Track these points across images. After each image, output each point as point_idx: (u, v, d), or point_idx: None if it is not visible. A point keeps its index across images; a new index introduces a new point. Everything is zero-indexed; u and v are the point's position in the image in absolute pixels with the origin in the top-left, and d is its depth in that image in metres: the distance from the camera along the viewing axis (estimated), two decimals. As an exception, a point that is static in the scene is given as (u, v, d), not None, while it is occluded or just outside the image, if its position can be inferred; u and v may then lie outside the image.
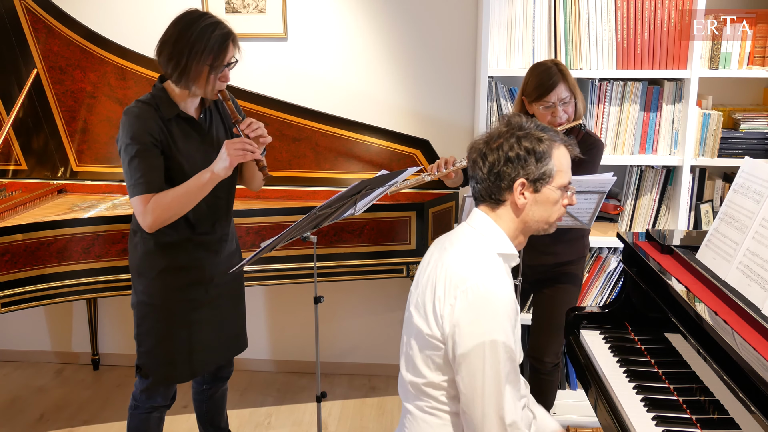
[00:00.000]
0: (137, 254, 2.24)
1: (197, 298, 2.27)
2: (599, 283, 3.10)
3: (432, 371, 1.62)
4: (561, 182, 1.64)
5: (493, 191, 1.63)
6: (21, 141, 3.19)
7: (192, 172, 2.14)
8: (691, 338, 1.72)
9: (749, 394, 1.45)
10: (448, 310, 1.56)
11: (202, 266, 2.26)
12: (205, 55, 2.05)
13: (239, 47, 2.15)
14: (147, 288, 2.24)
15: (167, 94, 2.14)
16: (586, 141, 2.50)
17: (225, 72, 2.12)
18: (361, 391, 3.48)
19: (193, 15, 2.10)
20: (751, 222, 1.78)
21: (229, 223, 2.37)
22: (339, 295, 3.51)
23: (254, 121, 2.18)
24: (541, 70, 2.44)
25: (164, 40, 2.10)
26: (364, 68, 3.31)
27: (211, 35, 2.05)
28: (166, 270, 2.22)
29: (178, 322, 2.26)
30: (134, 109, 2.11)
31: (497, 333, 1.51)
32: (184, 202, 2.12)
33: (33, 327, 3.72)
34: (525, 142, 1.60)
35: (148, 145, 2.07)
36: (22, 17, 3.02)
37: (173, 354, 2.28)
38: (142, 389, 2.33)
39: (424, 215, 2.89)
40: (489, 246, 1.62)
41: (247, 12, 3.25)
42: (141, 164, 2.06)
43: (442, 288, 1.58)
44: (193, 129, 2.19)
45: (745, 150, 2.93)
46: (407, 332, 1.71)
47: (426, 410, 1.65)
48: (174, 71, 2.07)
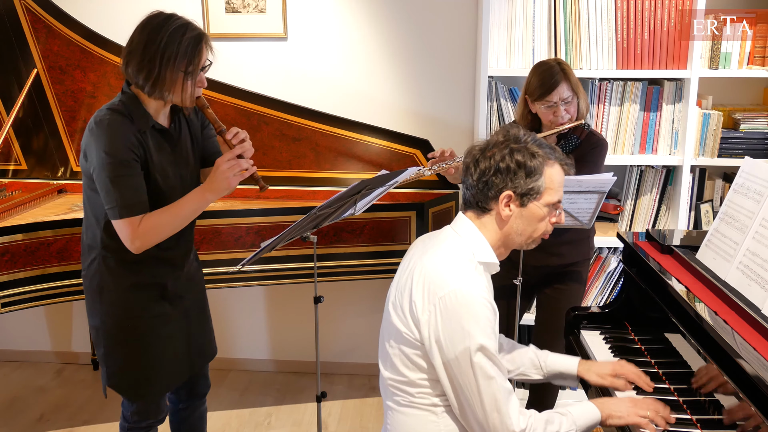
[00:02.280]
0: (96, 273, 2.09)
1: (165, 312, 2.16)
2: (599, 283, 3.10)
3: (410, 370, 1.63)
4: (549, 200, 1.64)
5: (480, 199, 1.64)
6: (21, 141, 3.19)
7: (166, 188, 2.03)
8: (691, 338, 1.72)
9: (749, 394, 1.45)
10: (426, 316, 1.57)
11: (165, 282, 2.14)
12: (179, 60, 1.90)
13: (212, 48, 2.00)
14: (111, 308, 2.10)
15: (140, 103, 1.98)
16: (590, 140, 2.50)
17: (201, 76, 1.98)
18: (361, 391, 3.48)
19: (159, 18, 1.94)
20: (751, 222, 1.78)
21: (192, 235, 2.25)
22: (339, 295, 3.51)
23: (240, 131, 2.04)
24: (544, 69, 2.44)
25: (131, 49, 1.94)
26: (364, 68, 3.31)
27: (182, 38, 1.90)
28: (132, 287, 2.09)
29: (148, 338, 2.14)
30: (108, 119, 1.93)
31: (480, 337, 1.52)
32: (180, 224, 2.03)
33: (33, 327, 3.72)
34: (517, 155, 1.60)
35: (129, 162, 1.92)
36: (22, 17, 3.02)
37: (145, 371, 2.17)
38: (132, 411, 2.22)
39: (424, 215, 2.89)
40: (470, 253, 1.62)
41: (247, 12, 3.25)
42: (125, 184, 1.92)
43: (419, 292, 1.59)
44: (165, 140, 2.05)
45: (745, 150, 2.93)
46: (385, 331, 1.72)
47: (402, 403, 1.67)
48: (146, 82, 1.91)
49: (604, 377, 1.81)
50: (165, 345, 2.18)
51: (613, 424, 1.63)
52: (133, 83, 1.97)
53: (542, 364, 1.88)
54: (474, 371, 1.52)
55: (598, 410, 1.64)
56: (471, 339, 1.52)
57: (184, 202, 2.02)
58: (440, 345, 1.55)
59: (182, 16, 1.98)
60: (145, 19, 1.96)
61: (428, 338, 1.57)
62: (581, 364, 1.86)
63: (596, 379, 1.82)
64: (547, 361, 1.89)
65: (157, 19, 1.94)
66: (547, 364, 1.88)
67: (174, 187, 2.06)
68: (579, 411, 1.64)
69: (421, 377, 1.62)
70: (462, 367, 1.53)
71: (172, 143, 2.08)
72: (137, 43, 1.93)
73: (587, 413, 1.64)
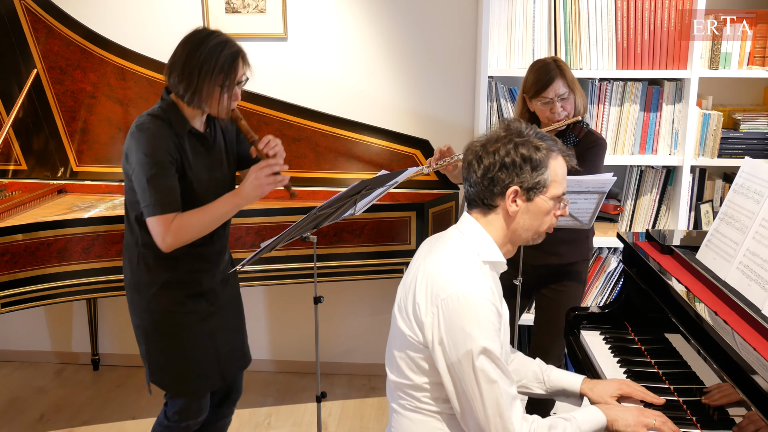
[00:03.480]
0: (135, 269, 2.19)
1: (201, 309, 2.22)
2: (599, 283, 3.10)
3: (415, 374, 1.62)
4: (555, 193, 1.62)
5: (486, 196, 1.61)
6: (21, 141, 3.19)
7: (200, 190, 2.12)
8: (692, 338, 1.72)
9: (749, 394, 1.45)
10: (429, 318, 1.55)
11: (201, 279, 2.22)
12: (216, 74, 2.02)
13: (250, 65, 2.12)
14: (150, 304, 2.18)
15: (178, 109, 2.10)
16: (588, 139, 2.50)
17: (236, 91, 2.10)
18: (361, 391, 3.48)
19: (201, 34, 2.06)
20: (751, 222, 1.78)
21: (227, 234, 2.33)
22: (339, 295, 3.51)
23: (272, 139, 2.16)
24: (539, 66, 2.45)
25: (173, 61, 2.07)
26: (364, 68, 3.31)
27: (220, 54, 2.02)
28: (167, 284, 2.17)
29: (186, 334, 2.21)
30: (149, 125, 2.05)
31: (483, 340, 1.50)
32: (209, 226, 2.11)
33: (33, 327, 3.72)
34: (522, 149, 1.57)
35: (166, 164, 2.03)
36: (22, 17, 3.02)
37: (186, 367, 2.23)
38: (175, 410, 2.27)
39: (424, 215, 2.89)
40: (475, 253, 1.60)
41: (247, 12, 3.25)
42: (160, 184, 2.02)
43: (422, 294, 1.57)
44: (201, 145, 2.16)
45: (745, 150, 2.93)
46: (392, 334, 1.71)
47: (408, 408, 1.65)
48: (186, 92, 2.04)
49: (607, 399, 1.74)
50: (204, 342, 2.24)
51: (619, 431, 1.61)
52: (174, 92, 2.09)
53: (545, 378, 1.84)
54: (476, 375, 1.50)
55: (603, 415, 1.62)
56: (473, 342, 1.49)
57: (216, 204, 2.12)
58: (443, 348, 1.53)
59: (223, 33, 2.10)
60: (189, 34, 2.08)
61: (432, 341, 1.55)
62: (585, 382, 1.81)
63: (599, 399, 1.75)
64: (551, 376, 1.84)
65: (200, 34, 2.07)
66: (550, 379, 1.84)
67: (208, 190, 2.16)
68: (583, 416, 1.61)
69: (425, 381, 1.61)
70: (464, 370, 1.51)
71: (207, 147, 2.19)
72: (179, 57, 2.05)
73: (592, 418, 1.61)
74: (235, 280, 2.42)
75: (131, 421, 3.21)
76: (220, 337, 2.28)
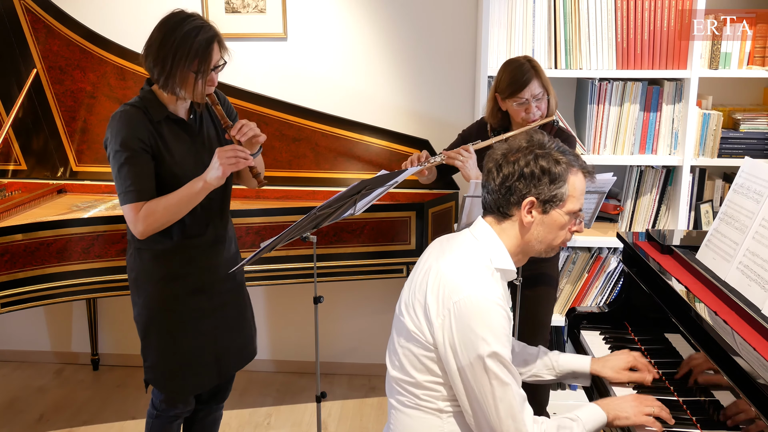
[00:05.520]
0: (134, 266, 2.20)
1: (200, 307, 2.21)
2: (599, 283, 3.10)
3: (418, 371, 1.62)
4: (571, 208, 1.62)
5: (502, 204, 1.62)
6: (21, 141, 3.19)
7: (184, 175, 2.09)
8: (691, 338, 1.72)
9: (749, 395, 1.45)
10: (440, 321, 1.56)
11: (198, 272, 2.20)
12: (190, 60, 1.99)
13: (226, 49, 2.08)
14: (147, 300, 2.18)
15: (155, 96, 2.09)
16: (560, 137, 2.51)
17: (212, 76, 2.06)
18: (361, 391, 3.48)
19: (176, 17, 2.03)
20: (751, 222, 1.78)
21: (226, 225, 2.30)
22: (339, 295, 3.51)
23: (246, 123, 2.12)
24: (514, 67, 2.46)
25: (149, 45, 2.04)
26: (364, 68, 3.31)
27: (195, 39, 1.98)
28: (164, 279, 2.17)
29: (181, 332, 2.20)
30: (122, 113, 2.05)
31: (494, 344, 1.51)
32: (176, 210, 2.08)
33: (33, 327, 3.72)
34: (542, 161, 1.58)
35: (137, 151, 2.02)
36: (22, 17, 3.02)
37: (179, 366, 2.22)
38: (161, 399, 2.28)
39: (423, 215, 2.89)
40: (488, 259, 1.61)
41: (247, 12, 3.25)
42: (131, 171, 2.02)
43: (434, 295, 1.58)
44: (183, 131, 2.14)
45: (745, 150, 2.93)
46: (396, 330, 1.71)
47: (407, 404, 1.66)
48: (160, 76, 2.02)
49: (620, 372, 1.80)
50: (199, 341, 2.23)
51: (620, 425, 1.62)
52: (150, 76, 2.07)
53: (554, 364, 1.87)
54: (489, 378, 1.51)
55: (603, 412, 1.64)
56: (485, 346, 1.50)
57: (181, 188, 2.08)
58: (455, 350, 1.54)
59: (201, 16, 2.06)
60: (165, 17, 2.06)
61: (442, 343, 1.56)
62: (594, 362, 1.85)
63: (612, 374, 1.80)
64: (559, 360, 1.87)
65: (175, 18, 2.03)
66: (559, 364, 1.87)
67: (194, 175, 2.11)
68: (586, 415, 1.63)
69: (428, 380, 1.61)
70: (476, 373, 1.52)
71: (191, 134, 2.16)
72: (154, 40, 2.03)
73: (594, 416, 1.63)
74: (241, 277, 2.40)
75: (131, 421, 3.21)
76: (220, 335, 2.27)
